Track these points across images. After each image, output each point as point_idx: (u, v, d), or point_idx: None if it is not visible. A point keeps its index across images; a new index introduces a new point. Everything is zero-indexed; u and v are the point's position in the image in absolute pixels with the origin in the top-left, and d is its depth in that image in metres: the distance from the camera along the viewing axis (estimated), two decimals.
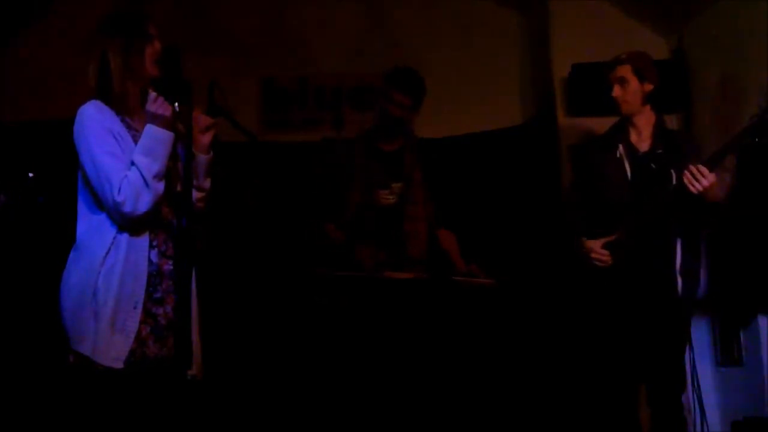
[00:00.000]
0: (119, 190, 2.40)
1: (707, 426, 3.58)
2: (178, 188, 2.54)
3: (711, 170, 3.24)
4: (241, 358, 4.34)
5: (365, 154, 3.87)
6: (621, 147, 3.57)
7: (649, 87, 3.54)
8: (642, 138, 3.56)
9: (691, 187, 3.25)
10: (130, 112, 2.54)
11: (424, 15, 5.17)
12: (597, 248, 3.51)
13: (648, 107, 3.57)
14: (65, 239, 2.57)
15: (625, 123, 3.60)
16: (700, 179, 3.23)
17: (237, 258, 4.57)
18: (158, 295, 2.50)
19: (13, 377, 4.08)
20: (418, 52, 4.68)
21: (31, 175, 3.39)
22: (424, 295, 3.48)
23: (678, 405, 3.47)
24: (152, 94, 2.48)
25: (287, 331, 4.03)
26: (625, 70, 3.54)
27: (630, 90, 3.53)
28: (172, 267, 2.52)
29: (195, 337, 2.56)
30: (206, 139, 2.60)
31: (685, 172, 3.26)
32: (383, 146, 3.89)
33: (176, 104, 2.46)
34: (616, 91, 3.55)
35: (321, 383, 3.56)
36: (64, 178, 2.67)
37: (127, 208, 2.40)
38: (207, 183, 2.67)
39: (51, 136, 3.39)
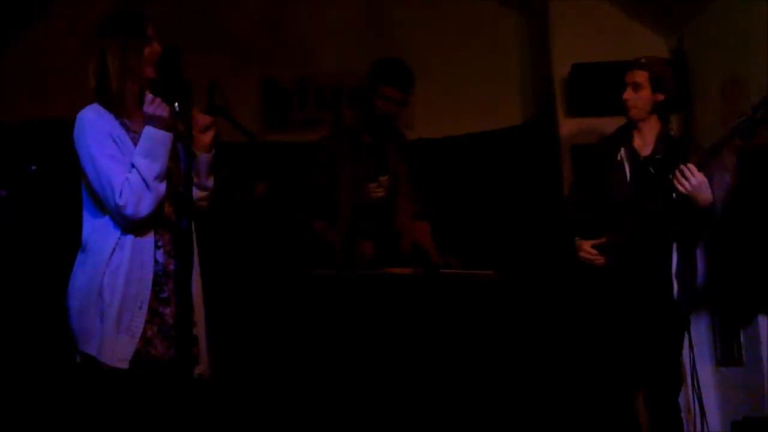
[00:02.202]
0: (120, 193, 2.40)
1: (707, 426, 3.59)
2: (181, 188, 2.54)
3: (700, 169, 3.24)
4: (245, 359, 4.34)
5: (350, 148, 3.85)
6: (623, 150, 3.56)
7: (660, 97, 3.50)
8: (645, 143, 3.55)
9: (680, 187, 3.25)
10: (129, 114, 2.54)
11: (424, 15, 5.17)
12: (585, 247, 3.52)
13: (654, 116, 3.54)
14: (68, 238, 2.57)
15: (631, 127, 3.59)
16: (689, 177, 3.22)
17: (238, 258, 4.57)
18: (164, 294, 2.50)
19: (21, 377, 4.09)
20: (418, 52, 4.67)
21: (33, 167, 3.37)
22: (425, 289, 3.48)
23: (675, 406, 3.47)
24: (149, 96, 2.47)
25: (290, 333, 4.03)
26: (642, 76, 3.49)
27: (641, 96, 3.49)
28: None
29: (202, 336, 2.56)
30: (207, 138, 2.59)
31: (675, 171, 3.25)
32: (366, 139, 3.87)
33: (176, 104, 2.45)
34: (628, 94, 3.50)
35: (325, 383, 3.56)
36: (65, 177, 2.67)
37: (128, 211, 2.41)
38: (210, 182, 2.67)
39: (51, 135, 3.39)
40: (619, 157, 3.56)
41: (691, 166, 3.23)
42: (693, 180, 3.22)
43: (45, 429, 3.91)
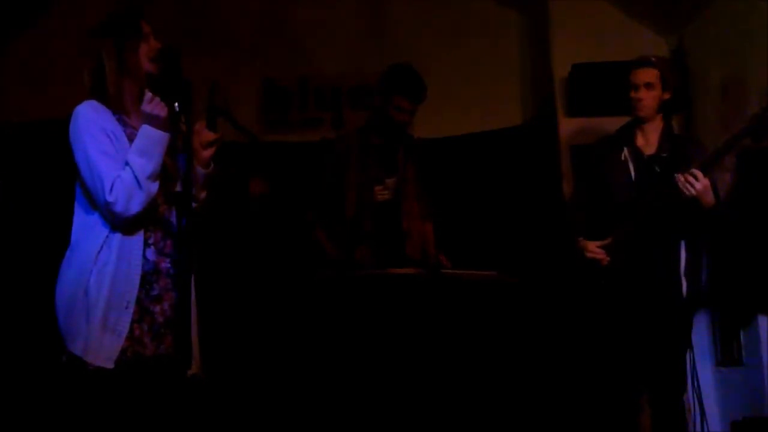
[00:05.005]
0: (111, 189, 2.39)
1: (707, 426, 3.58)
2: (178, 187, 2.53)
3: (706, 173, 3.25)
4: (247, 360, 4.34)
5: (359, 150, 3.86)
6: (626, 149, 3.56)
7: (666, 96, 3.53)
8: (648, 142, 3.56)
9: (685, 191, 3.26)
10: (128, 111, 2.53)
11: (423, 15, 5.17)
12: (591, 247, 3.52)
13: (660, 115, 3.56)
14: (60, 236, 2.57)
15: (634, 126, 3.59)
16: (694, 183, 3.23)
17: (240, 259, 4.57)
18: (155, 292, 2.48)
19: (9, 377, 4.09)
20: (417, 52, 4.68)
21: None
22: (428, 290, 3.48)
23: (679, 407, 3.47)
24: (148, 95, 2.45)
25: (292, 334, 4.02)
26: (653, 75, 3.50)
27: (653, 95, 3.50)
28: (170, 265, 2.50)
29: (194, 336, 2.55)
30: (207, 153, 2.57)
31: (679, 175, 3.26)
32: (375, 140, 3.88)
33: (176, 104, 2.43)
34: (642, 93, 3.50)
35: (327, 385, 3.55)
36: (61, 177, 2.66)
37: (118, 208, 2.39)
38: (202, 195, 2.64)
39: (49, 135, 3.39)
40: (623, 157, 3.56)
41: (696, 171, 3.24)
42: (697, 185, 3.23)
43: (32, 429, 3.90)
